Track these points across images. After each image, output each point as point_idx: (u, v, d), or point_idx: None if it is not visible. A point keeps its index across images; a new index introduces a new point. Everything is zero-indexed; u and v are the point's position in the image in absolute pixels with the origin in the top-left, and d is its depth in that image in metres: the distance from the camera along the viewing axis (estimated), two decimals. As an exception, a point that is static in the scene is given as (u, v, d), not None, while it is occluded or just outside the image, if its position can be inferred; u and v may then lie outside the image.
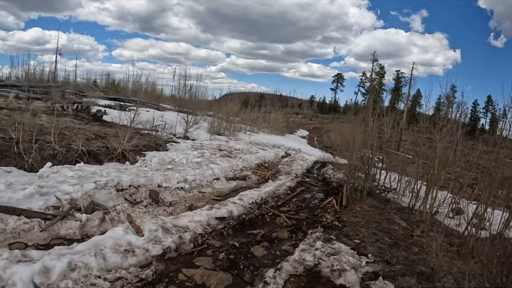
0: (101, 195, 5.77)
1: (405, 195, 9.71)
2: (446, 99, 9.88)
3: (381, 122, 9.40)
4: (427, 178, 7.69)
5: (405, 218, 6.89)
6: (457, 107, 8.18)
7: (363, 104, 13.40)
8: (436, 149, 7.12)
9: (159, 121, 14.25)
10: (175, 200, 6.42)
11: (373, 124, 8.77)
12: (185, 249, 4.15)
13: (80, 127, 10.75)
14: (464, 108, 7.29)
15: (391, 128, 23.67)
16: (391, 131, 28.34)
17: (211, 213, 5.22)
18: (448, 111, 7.70)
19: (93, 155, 8.38)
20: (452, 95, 7.38)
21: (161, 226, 4.43)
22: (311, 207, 6.76)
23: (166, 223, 4.59)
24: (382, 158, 10.00)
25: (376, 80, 32.02)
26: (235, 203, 5.91)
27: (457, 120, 8.11)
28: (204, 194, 6.99)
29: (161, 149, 10.19)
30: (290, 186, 8.14)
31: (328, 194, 8.15)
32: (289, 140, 23.65)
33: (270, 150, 13.56)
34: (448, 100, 9.73)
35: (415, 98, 38.07)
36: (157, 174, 6.99)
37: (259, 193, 6.78)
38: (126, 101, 19.10)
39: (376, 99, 11.48)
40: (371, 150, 8.83)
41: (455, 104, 7.70)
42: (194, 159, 8.82)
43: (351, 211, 6.64)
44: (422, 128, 8.56)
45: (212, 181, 7.66)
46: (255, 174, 9.60)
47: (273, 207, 6.18)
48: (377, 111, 8.81)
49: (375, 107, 9.76)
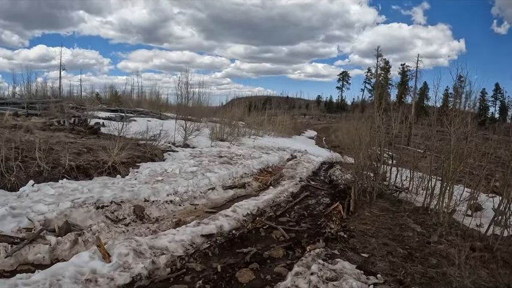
0: (78, 214, 5.29)
1: (419, 194, 8.98)
2: (454, 90, 9.12)
3: (388, 117, 8.64)
4: (442, 173, 6.91)
5: (420, 221, 6.12)
6: (465, 97, 7.43)
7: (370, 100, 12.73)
8: (451, 141, 6.33)
9: (159, 130, 13.83)
10: (162, 215, 5.84)
11: (380, 120, 8.02)
12: (160, 275, 3.55)
13: (73, 141, 10.33)
14: (473, 98, 6.54)
15: (399, 122, 22.66)
16: (399, 126, 27.25)
17: (197, 230, 4.61)
18: (456, 102, 6.94)
19: (83, 170, 7.91)
20: (459, 85, 6.62)
21: (133, 249, 3.85)
22: (315, 215, 6.07)
23: (142, 245, 4.01)
24: (391, 155, 9.20)
25: (382, 75, 31.05)
26: (227, 216, 5.28)
27: (467, 111, 7.34)
28: (196, 207, 6.38)
29: (157, 160, 9.67)
30: (293, 192, 7.46)
31: (335, 198, 7.43)
32: (296, 141, 22.91)
33: (274, 154, 12.90)
34: (456, 91, 8.90)
35: (423, 91, 36.79)
36: (145, 187, 6.43)
37: (257, 202, 6.14)
38: (127, 112, 18.78)
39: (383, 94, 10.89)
40: (379, 148, 8.07)
41: (464, 94, 6.96)
42: (189, 168, 8.24)
43: (359, 217, 5.91)
44: (433, 120, 7.77)
45: (206, 191, 7.05)
46: (256, 180, 8.95)
47: (271, 219, 5.52)
48: (382, 105, 8.06)
49: (381, 102, 9.01)
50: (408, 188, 8.79)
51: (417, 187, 9.26)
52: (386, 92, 27.49)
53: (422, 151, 11.53)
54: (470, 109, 7.68)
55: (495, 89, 50.02)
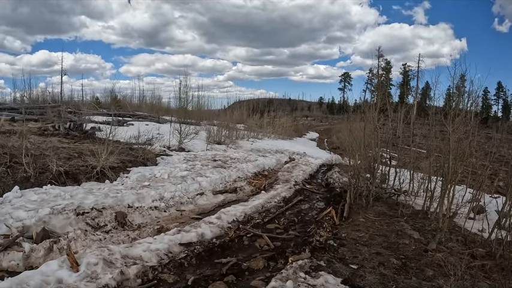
0: (57, 220, 5.08)
1: (419, 196, 8.63)
2: (456, 89, 8.75)
3: (386, 118, 8.28)
4: (442, 174, 6.56)
5: (418, 226, 5.75)
6: (467, 96, 7.06)
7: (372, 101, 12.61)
8: (450, 141, 5.97)
9: (155, 134, 13.59)
10: (145, 221, 5.56)
11: (376, 120, 7.67)
12: (129, 286, 3.27)
13: (66, 146, 10.12)
14: (475, 97, 6.18)
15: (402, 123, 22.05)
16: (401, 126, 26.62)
17: (176, 239, 4.32)
18: (459, 100, 6.59)
19: (72, 175, 7.70)
20: (462, 84, 6.29)
21: (103, 258, 3.59)
22: (306, 221, 5.72)
23: (114, 254, 3.75)
24: (389, 156, 8.83)
25: (383, 75, 30.57)
26: (210, 223, 4.98)
27: (467, 109, 6.99)
28: (182, 213, 6.08)
29: (149, 164, 9.40)
30: (285, 196, 7.12)
31: (330, 203, 7.08)
32: (297, 143, 22.55)
33: (271, 157, 12.57)
34: (458, 90, 8.53)
35: (425, 91, 36.18)
36: (130, 193, 6.16)
37: (245, 208, 5.81)
38: (126, 116, 18.62)
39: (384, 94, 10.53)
40: (376, 149, 7.70)
41: (466, 93, 6.61)
42: (179, 173, 7.96)
43: (352, 223, 5.56)
44: (432, 119, 7.41)
45: (195, 197, 6.75)
46: (250, 184, 8.63)
47: (258, 226, 5.20)
48: (379, 105, 7.71)
49: (378, 102, 8.67)
50: (408, 190, 8.41)
51: (417, 188, 8.90)
52: (388, 93, 27.04)
53: (425, 151, 11.12)
54: (471, 108, 7.33)
55: (497, 87, 49.17)
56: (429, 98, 35.48)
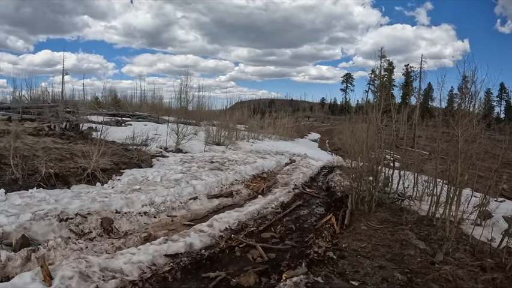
0: (39, 227, 4.78)
1: (424, 200, 8.23)
2: (459, 91, 8.36)
3: (389, 119, 7.89)
4: (448, 178, 6.19)
5: (424, 234, 5.36)
6: (470, 97, 6.66)
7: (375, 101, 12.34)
8: (459, 143, 5.57)
9: (153, 134, 13.25)
10: (133, 228, 5.22)
11: (379, 120, 7.29)
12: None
13: (59, 147, 9.80)
14: (478, 98, 5.81)
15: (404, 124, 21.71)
16: (404, 128, 26.25)
17: (162, 249, 3.96)
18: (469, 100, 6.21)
19: (62, 177, 7.39)
20: (464, 86, 5.89)
21: (80, 271, 3.26)
22: (304, 229, 5.34)
23: (92, 266, 3.41)
24: (393, 159, 8.43)
25: (386, 76, 30.06)
26: (201, 232, 4.62)
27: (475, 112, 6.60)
28: (174, 219, 5.72)
29: (144, 166, 9.06)
30: (283, 201, 6.74)
31: (330, 208, 6.71)
32: (298, 145, 22.13)
33: (270, 159, 12.19)
34: (461, 91, 8.16)
35: (427, 92, 35.65)
36: (119, 197, 5.83)
37: (239, 215, 5.45)
38: (125, 116, 18.32)
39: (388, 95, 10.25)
40: (379, 151, 7.31)
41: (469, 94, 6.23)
42: (173, 175, 7.60)
43: (354, 231, 5.17)
44: (438, 121, 7.01)
45: (188, 201, 6.39)
46: (247, 187, 8.26)
47: (252, 234, 4.83)
48: (382, 106, 7.32)
49: (381, 102, 8.28)
50: (412, 195, 8.02)
51: (422, 192, 8.51)
52: (390, 93, 26.63)
53: (428, 153, 10.75)
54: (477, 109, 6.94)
55: (500, 88, 48.42)
56: (431, 99, 34.97)
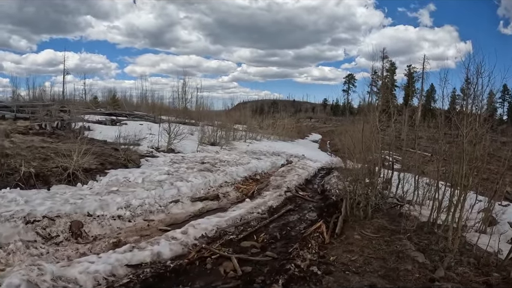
0: (4, 229, 4.46)
1: (424, 205, 7.66)
2: (462, 92, 7.81)
3: (388, 118, 7.34)
4: (451, 181, 5.64)
5: (423, 244, 4.79)
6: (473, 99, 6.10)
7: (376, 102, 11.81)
8: (463, 144, 5.00)
9: (146, 134, 12.80)
10: (104, 233, 4.75)
11: (376, 120, 6.74)
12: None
13: (47, 146, 9.36)
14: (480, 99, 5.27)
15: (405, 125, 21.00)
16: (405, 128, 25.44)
17: (125, 258, 3.49)
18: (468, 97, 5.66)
19: (43, 177, 7.02)
20: (467, 87, 5.33)
21: (28, 280, 2.88)
22: (290, 237, 4.79)
23: (44, 274, 3.02)
24: (393, 161, 7.85)
25: (388, 76, 29.36)
26: (173, 239, 4.11)
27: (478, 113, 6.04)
28: (150, 223, 5.22)
29: (131, 166, 8.57)
30: (272, 205, 6.20)
31: (322, 214, 6.15)
32: (297, 145, 21.57)
33: (266, 159, 11.66)
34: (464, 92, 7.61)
35: (429, 93, 34.83)
36: (93, 199, 5.36)
37: (219, 221, 4.92)
38: (122, 115, 17.91)
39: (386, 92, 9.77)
40: (377, 152, 6.75)
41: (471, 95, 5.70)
42: (157, 177, 7.11)
43: (345, 241, 4.62)
44: (440, 120, 6.43)
45: (168, 204, 5.88)
46: (237, 190, 7.73)
47: (230, 243, 4.30)
48: (379, 105, 6.76)
49: (380, 101, 7.73)
50: (412, 199, 7.44)
51: (423, 196, 7.95)
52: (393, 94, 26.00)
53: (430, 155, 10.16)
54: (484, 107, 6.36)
55: (503, 90, 47.30)
56: (434, 100, 34.11)
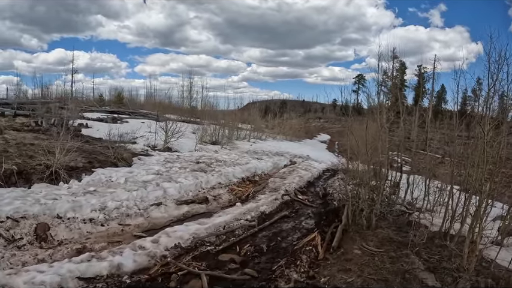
0: None
1: (435, 211, 6.89)
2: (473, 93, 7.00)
3: (395, 116, 6.61)
4: (466, 185, 4.89)
5: (434, 261, 4.06)
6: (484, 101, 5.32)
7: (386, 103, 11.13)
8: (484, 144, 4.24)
9: (145, 132, 12.33)
10: (71, 237, 4.27)
11: (385, 119, 6.02)
12: None
13: (37, 143, 8.95)
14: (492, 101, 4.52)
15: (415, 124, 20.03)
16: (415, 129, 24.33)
17: (77, 269, 3.04)
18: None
19: (25, 175, 6.59)
20: (478, 88, 4.57)
21: None
22: (279, 250, 4.13)
23: None
24: (401, 163, 7.07)
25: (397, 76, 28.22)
26: (141, 249, 3.55)
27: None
28: (125, 228, 4.65)
29: (121, 165, 8.05)
30: (264, 211, 5.56)
31: (321, 222, 5.46)
32: (304, 146, 20.80)
33: (267, 160, 10.99)
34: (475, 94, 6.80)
35: (440, 94, 33.43)
36: (66, 200, 4.86)
37: (199, 228, 4.31)
38: (125, 113, 17.55)
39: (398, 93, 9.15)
40: (383, 153, 6.01)
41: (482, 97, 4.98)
42: (143, 177, 6.55)
43: (343, 257, 3.92)
44: (455, 119, 5.65)
45: (148, 207, 5.29)
46: (230, 192, 7.11)
47: (205, 256, 3.68)
48: (384, 104, 6.02)
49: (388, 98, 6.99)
50: (422, 206, 6.67)
51: (434, 203, 7.17)
52: (402, 94, 24.95)
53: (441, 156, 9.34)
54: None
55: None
56: (444, 101, 32.65)
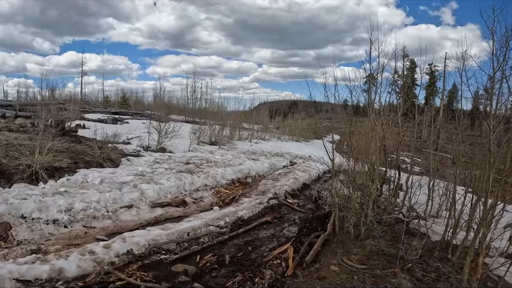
0: None
1: (439, 217, 6.24)
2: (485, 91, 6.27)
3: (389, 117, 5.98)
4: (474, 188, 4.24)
5: (429, 282, 3.44)
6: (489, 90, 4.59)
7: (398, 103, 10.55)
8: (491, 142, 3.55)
9: (142, 132, 12.01)
10: (32, 238, 4.10)
11: (376, 116, 5.40)
12: None
13: (28, 143, 8.72)
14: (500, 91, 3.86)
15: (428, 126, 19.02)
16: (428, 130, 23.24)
17: (18, 270, 2.94)
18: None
19: (8, 175, 6.35)
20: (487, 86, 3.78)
21: None
22: (243, 262, 3.56)
23: None
24: (398, 165, 6.37)
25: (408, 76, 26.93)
26: (90, 253, 3.26)
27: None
28: (89, 231, 4.25)
29: (107, 166, 7.67)
30: (242, 216, 5.01)
31: (304, 229, 4.86)
32: (310, 146, 20.05)
33: (264, 161, 10.41)
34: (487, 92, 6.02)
35: (451, 93, 31.84)
36: (33, 200, 4.51)
37: (159, 234, 3.85)
38: (128, 114, 17.38)
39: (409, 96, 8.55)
40: (376, 154, 5.34)
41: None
42: (122, 178, 6.14)
43: (315, 274, 3.32)
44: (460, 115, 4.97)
45: (118, 210, 4.85)
46: (215, 195, 6.59)
47: (157, 266, 3.20)
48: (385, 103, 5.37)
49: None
50: (425, 211, 5.98)
51: (438, 207, 6.47)
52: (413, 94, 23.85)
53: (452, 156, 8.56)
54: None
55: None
56: (456, 100, 31.02)
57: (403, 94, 7.85)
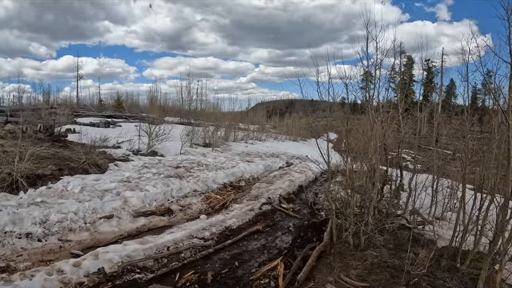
0: None
1: (445, 219, 5.85)
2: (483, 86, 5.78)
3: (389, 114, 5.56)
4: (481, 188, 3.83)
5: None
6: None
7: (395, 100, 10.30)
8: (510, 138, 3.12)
9: (133, 136, 11.54)
10: (3, 253, 3.77)
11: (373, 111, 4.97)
12: None
13: (12, 150, 8.26)
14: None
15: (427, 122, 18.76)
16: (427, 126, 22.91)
17: None
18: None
19: None
20: (488, 81, 3.31)
21: None
22: (232, 280, 3.12)
23: None
24: (400, 165, 5.94)
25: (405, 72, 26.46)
26: (58, 272, 2.97)
27: None
28: (64, 244, 3.83)
29: (93, 171, 7.20)
30: (230, 226, 4.56)
31: (298, 240, 4.42)
32: (307, 146, 19.59)
33: (259, 162, 9.97)
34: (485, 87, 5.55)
35: (449, 89, 31.36)
36: (6, 212, 4.08)
37: (136, 249, 3.41)
38: (121, 117, 16.92)
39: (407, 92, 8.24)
40: (376, 154, 4.89)
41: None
42: (106, 185, 5.70)
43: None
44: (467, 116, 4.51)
45: (97, 221, 4.40)
46: (205, 201, 6.15)
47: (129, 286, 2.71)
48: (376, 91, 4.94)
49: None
50: (429, 213, 5.57)
51: (443, 209, 6.09)
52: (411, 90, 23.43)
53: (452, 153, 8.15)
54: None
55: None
56: (454, 96, 30.58)
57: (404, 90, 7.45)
